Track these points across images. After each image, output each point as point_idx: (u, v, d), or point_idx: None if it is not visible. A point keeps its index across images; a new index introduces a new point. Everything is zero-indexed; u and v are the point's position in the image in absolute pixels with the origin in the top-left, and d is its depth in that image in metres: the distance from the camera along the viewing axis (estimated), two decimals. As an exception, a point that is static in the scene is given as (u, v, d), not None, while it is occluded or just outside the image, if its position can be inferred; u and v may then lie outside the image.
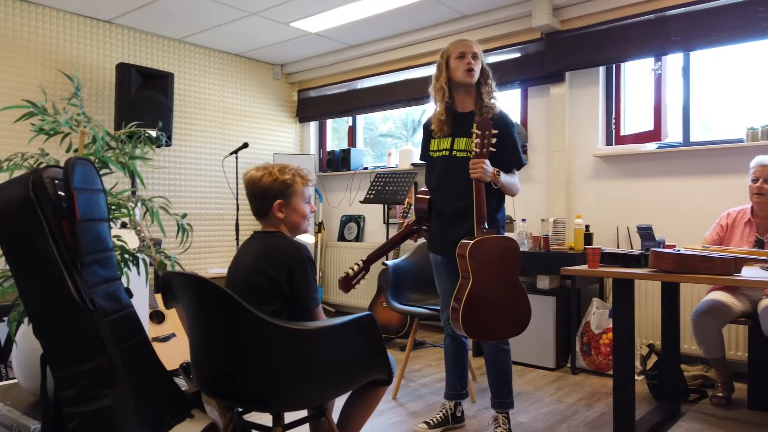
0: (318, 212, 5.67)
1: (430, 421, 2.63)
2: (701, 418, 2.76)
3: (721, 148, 3.52)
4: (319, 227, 5.58)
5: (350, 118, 5.83)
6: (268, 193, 1.80)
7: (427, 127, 2.66)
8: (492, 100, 2.50)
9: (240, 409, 1.70)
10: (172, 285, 1.59)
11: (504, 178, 2.43)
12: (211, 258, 5.15)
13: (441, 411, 2.68)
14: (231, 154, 4.58)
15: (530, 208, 4.26)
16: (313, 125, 6.05)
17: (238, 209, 4.52)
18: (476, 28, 4.44)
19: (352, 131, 5.85)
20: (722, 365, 2.99)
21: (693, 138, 3.74)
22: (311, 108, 5.89)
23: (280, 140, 5.85)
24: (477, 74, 2.47)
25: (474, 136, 2.33)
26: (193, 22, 4.57)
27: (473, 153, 2.33)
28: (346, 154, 5.54)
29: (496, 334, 2.39)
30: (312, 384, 1.54)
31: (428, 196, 2.70)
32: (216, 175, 5.17)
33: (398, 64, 5.07)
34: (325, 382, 1.57)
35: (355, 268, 2.73)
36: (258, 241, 1.83)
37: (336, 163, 5.60)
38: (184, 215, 1.98)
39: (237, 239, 4.50)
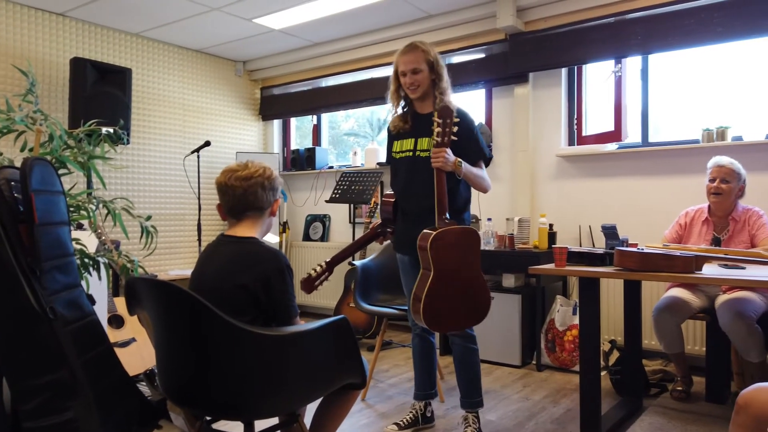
0: (282, 212, 5.60)
1: (401, 422, 2.62)
2: (662, 412, 2.84)
3: (678, 149, 3.64)
4: (284, 227, 5.51)
5: (315, 117, 5.77)
6: (269, 191, 1.78)
7: (390, 130, 2.65)
8: (445, 98, 2.43)
9: (208, 418, 1.65)
10: (137, 291, 1.52)
11: (468, 168, 2.38)
12: (172, 259, 5.02)
13: (411, 411, 2.68)
14: (192, 152, 4.47)
15: (495, 207, 4.31)
16: (276, 123, 5.97)
17: (200, 209, 4.41)
18: (441, 28, 4.46)
19: (316, 130, 5.79)
20: (681, 360, 3.08)
21: (651, 139, 3.85)
22: (275, 106, 5.81)
23: (243, 138, 5.74)
24: (422, 86, 2.43)
25: (435, 125, 2.25)
26: (152, 16, 4.43)
27: (434, 142, 2.26)
28: (311, 153, 5.48)
29: (455, 325, 2.37)
30: (285, 390, 1.51)
31: (393, 199, 2.68)
32: (176, 174, 5.04)
33: (364, 62, 5.04)
34: (298, 388, 1.54)
35: (318, 269, 2.68)
36: (230, 246, 1.74)
37: (301, 162, 5.54)
38: (149, 217, 1.90)
39: (199, 240, 4.39)
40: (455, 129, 2.29)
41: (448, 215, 2.30)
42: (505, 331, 3.73)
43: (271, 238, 5.13)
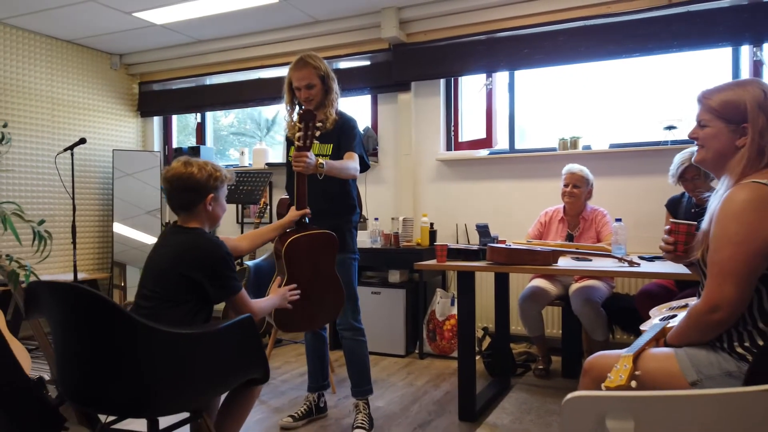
0: (165, 211, 5.42)
1: (295, 414, 2.74)
2: (527, 389, 3.23)
3: (539, 156, 4.10)
4: (167, 226, 5.33)
5: (199, 115, 5.65)
6: (203, 187, 1.85)
7: (287, 137, 2.77)
8: (331, 110, 2.59)
9: (111, 418, 1.67)
10: (37, 295, 1.51)
11: (329, 164, 2.40)
12: (44, 263, 4.67)
13: (305, 403, 2.81)
14: (65, 150, 4.20)
15: (381, 207, 4.55)
16: (156, 120, 5.75)
17: (74, 210, 4.16)
18: (328, 34, 4.60)
19: (200, 128, 5.68)
20: (542, 342, 3.51)
21: (517, 146, 4.30)
22: (154, 102, 5.60)
23: (120, 135, 5.48)
24: (315, 99, 2.56)
25: (296, 129, 2.30)
26: (17, 2, 4.11)
27: (296, 146, 2.30)
28: (195, 151, 5.35)
29: (308, 326, 2.49)
30: (191, 387, 1.58)
31: (288, 201, 2.80)
32: (47, 173, 4.71)
33: (251, 62, 5.04)
34: (204, 385, 1.61)
35: None
36: (178, 236, 1.85)
37: (184, 161, 5.40)
38: (42, 222, 1.85)
39: (74, 243, 4.15)
40: (318, 133, 2.36)
41: (307, 219, 2.38)
42: (391, 323, 3.98)
43: (148, 240, 4.97)
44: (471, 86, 4.47)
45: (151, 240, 5.10)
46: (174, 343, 1.51)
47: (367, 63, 4.63)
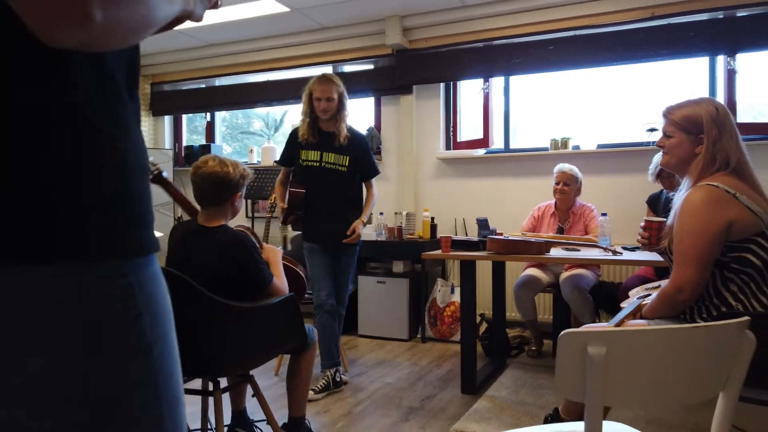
0: (178, 207, 5.69)
1: (315, 388, 3.05)
2: (521, 367, 3.56)
3: (532, 155, 4.43)
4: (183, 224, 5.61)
5: (209, 114, 5.92)
6: (235, 185, 2.04)
7: (294, 136, 3.19)
8: (342, 126, 3.10)
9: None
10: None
11: (365, 217, 3.18)
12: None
13: (323, 378, 3.12)
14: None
15: (385, 203, 4.85)
16: (167, 119, 6.01)
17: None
18: (335, 40, 4.89)
19: (210, 127, 5.95)
20: (535, 326, 3.84)
21: (512, 146, 4.62)
22: (165, 102, 5.86)
23: (133, 134, 5.73)
24: (331, 111, 3.06)
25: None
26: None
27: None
28: (205, 150, 5.63)
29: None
30: (246, 353, 1.89)
31: (304, 190, 3.16)
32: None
33: (260, 65, 5.32)
34: (256, 351, 1.92)
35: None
36: (209, 236, 2.04)
37: (195, 158, 5.66)
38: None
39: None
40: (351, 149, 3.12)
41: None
42: (395, 310, 4.30)
43: (159, 234, 5.23)
44: (469, 89, 4.79)
45: (161, 234, 5.36)
46: (237, 316, 1.81)
47: (371, 67, 4.93)
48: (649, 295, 2.10)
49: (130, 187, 0.69)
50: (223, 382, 2.05)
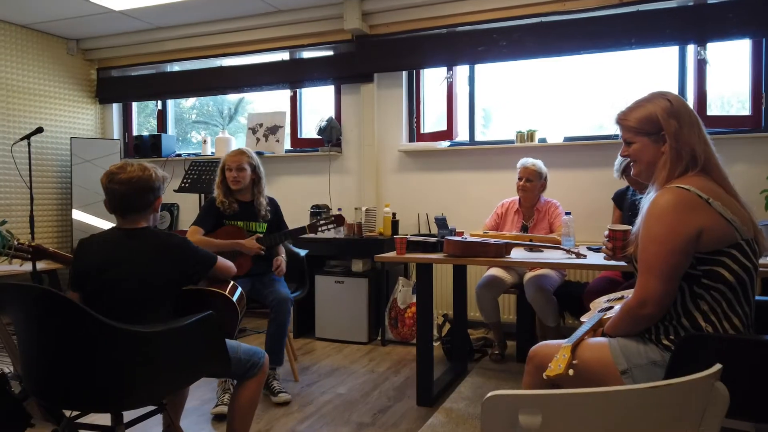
0: (126, 201, 5.37)
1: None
2: (483, 373, 3.38)
3: (497, 148, 4.23)
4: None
5: (160, 102, 5.58)
6: (158, 188, 1.94)
7: (213, 202, 3.15)
8: (262, 198, 3.18)
9: (73, 414, 1.72)
10: (3, 296, 1.54)
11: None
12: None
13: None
14: (22, 139, 4.12)
15: (344, 197, 4.62)
16: (116, 107, 5.66)
17: (32, 201, 4.10)
18: (290, 24, 4.61)
19: (162, 115, 5.61)
20: (498, 328, 3.66)
21: (477, 138, 4.41)
22: (113, 89, 5.51)
23: (78, 123, 5.38)
24: (244, 182, 3.11)
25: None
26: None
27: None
28: (156, 139, 5.31)
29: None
30: (153, 382, 1.64)
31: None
32: (2, 162, 4.60)
33: (212, 50, 5.01)
34: (166, 380, 1.68)
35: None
36: (137, 240, 1.89)
37: (145, 148, 5.33)
38: (3, 222, 1.86)
39: (32, 234, 4.09)
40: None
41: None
42: (354, 311, 4.08)
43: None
44: (433, 79, 4.56)
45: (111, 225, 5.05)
46: (138, 341, 1.56)
47: (331, 53, 4.66)
48: (612, 308, 1.92)
49: None
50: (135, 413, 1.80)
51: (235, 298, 2.09)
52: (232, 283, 2.16)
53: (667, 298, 1.57)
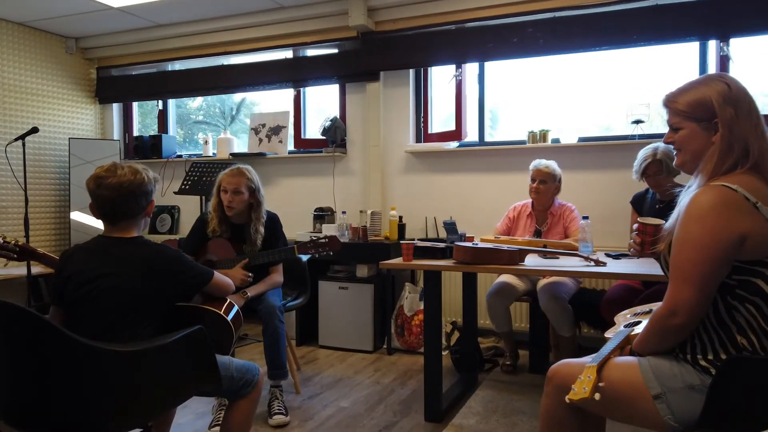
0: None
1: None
2: (493, 386, 3.21)
3: (508, 149, 4.06)
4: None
5: (161, 102, 5.45)
6: (150, 192, 1.83)
7: (203, 223, 2.89)
8: (260, 226, 2.84)
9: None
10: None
11: (256, 292, 2.74)
12: (-7, 258, 4.46)
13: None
14: (17, 139, 3.99)
15: (349, 200, 4.46)
16: (116, 107, 5.53)
17: (27, 202, 3.97)
18: (294, 20, 4.46)
19: (163, 115, 5.48)
20: (509, 337, 3.49)
21: (487, 138, 4.25)
22: (113, 88, 5.38)
23: (77, 123, 5.25)
24: (239, 207, 2.78)
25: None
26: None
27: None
28: (156, 140, 5.17)
29: None
30: (138, 404, 1.49)
31: None
32: (-3, 162, 4.49)
33: (214, 48, 4.87)
34: (151, 401, 1.52)
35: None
36: (124, 250, 1.73)
37: (145, 149, 5.20)
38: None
39: (26, 236, 3.96)
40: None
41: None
42: (359, 319, 3.91)
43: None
44: (441, 77, 4.40)
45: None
46: (119, 360, 1.41)
47: (335, 51, 4.51)
48: (640, 322, 1.75)
49: None
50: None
51: (230, 318, 1.94)
52: (228, 300, 2.01)
53: (700, 308, 1.40)
